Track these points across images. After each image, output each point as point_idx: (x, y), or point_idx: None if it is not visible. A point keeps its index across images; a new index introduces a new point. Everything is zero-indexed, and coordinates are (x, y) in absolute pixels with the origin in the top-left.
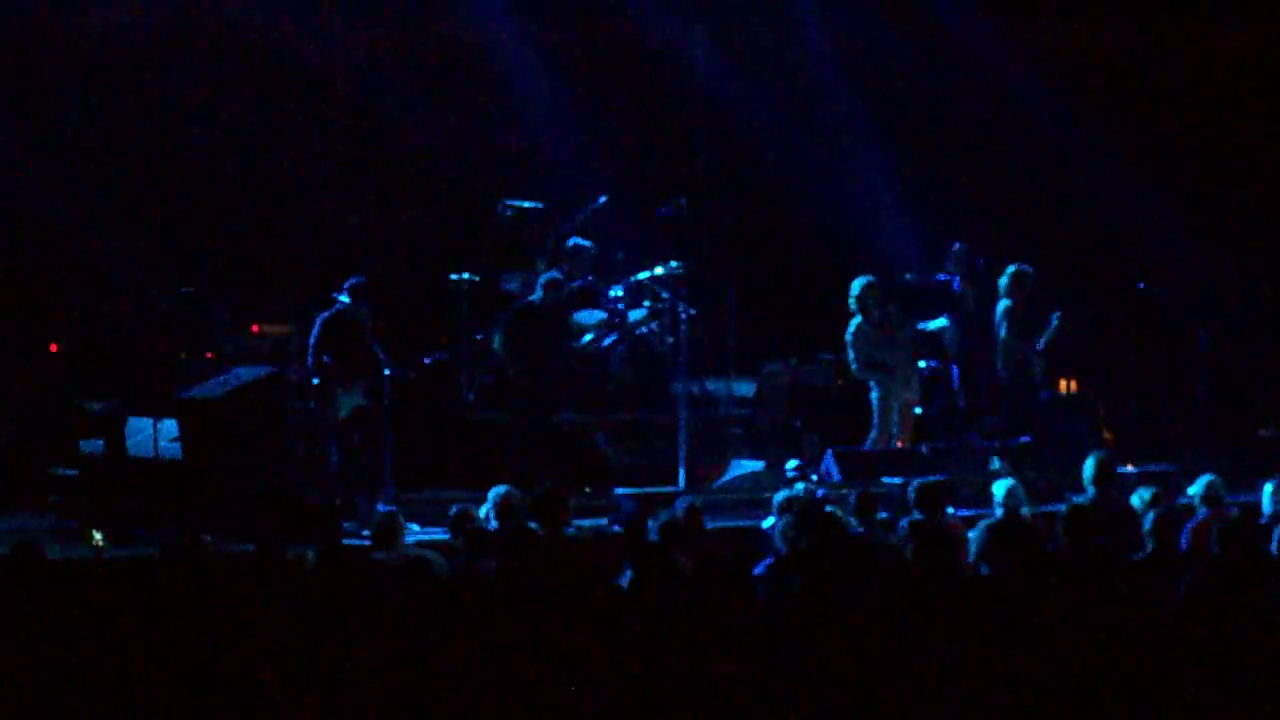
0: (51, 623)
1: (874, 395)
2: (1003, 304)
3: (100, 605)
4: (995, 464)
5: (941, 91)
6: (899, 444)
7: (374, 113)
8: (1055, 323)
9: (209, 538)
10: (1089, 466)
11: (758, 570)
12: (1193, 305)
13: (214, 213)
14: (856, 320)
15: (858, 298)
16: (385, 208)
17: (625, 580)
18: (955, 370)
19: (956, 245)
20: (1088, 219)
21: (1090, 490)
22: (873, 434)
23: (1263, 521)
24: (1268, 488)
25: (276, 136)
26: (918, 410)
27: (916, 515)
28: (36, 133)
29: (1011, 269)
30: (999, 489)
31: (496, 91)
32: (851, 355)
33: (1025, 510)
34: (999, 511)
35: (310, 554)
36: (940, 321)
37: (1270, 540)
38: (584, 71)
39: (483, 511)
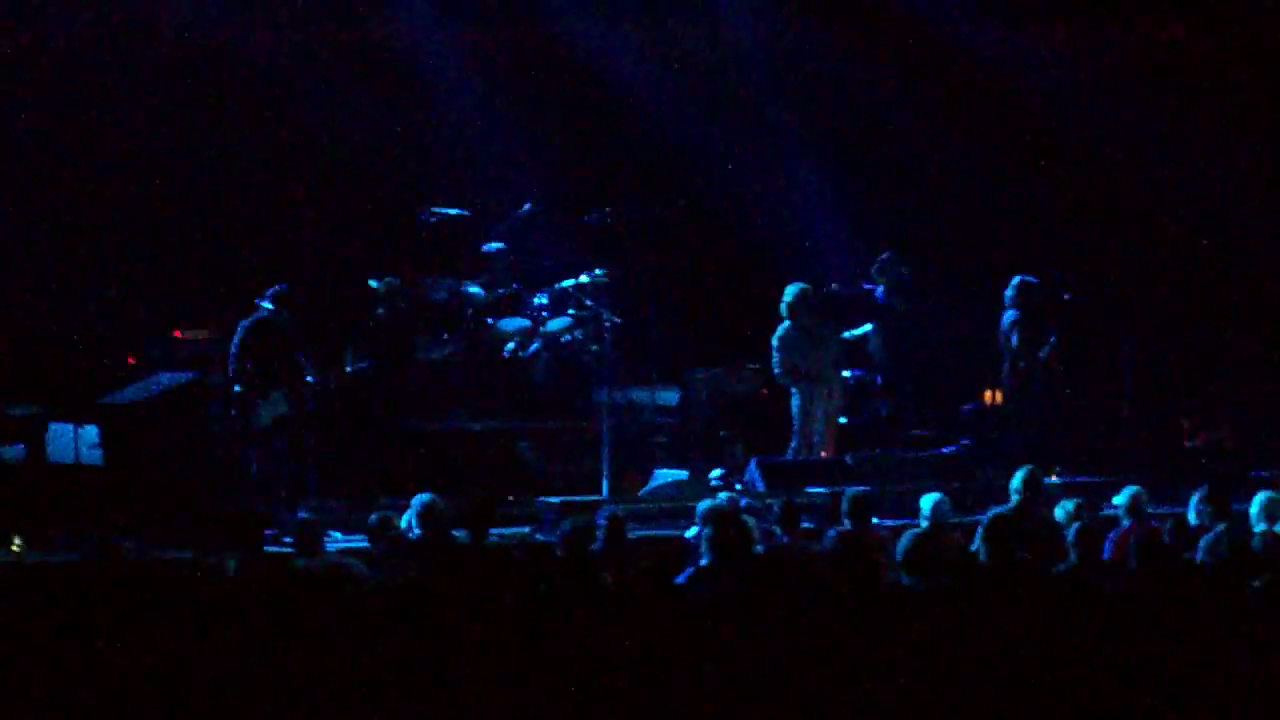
0: None
1: (795, 403)
2: (1010, 314)
3: (19, 610)
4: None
5: (871, 98)
6: (822, 453)
7: (299, 117)
8: (1054, 339)
9: (129, 544)
10: (1018, 477)
11: (680, 580)
12: (1118, 316)
13: (136, 216)
14: (785, 326)
15: (790, 304)
16: (309, 213)
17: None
18: (879, 379)
19: (884, 254)
20: (1014, 229)
21: (1014, 499)
22: (794, 443)
23: (1190, 533)
24: (1194, 499)
25: (201, 139)
26: (841, 419)
27: (845, 525)
28: None
29: (1017, 280)
30: (926, 501)
31: (423, 96)
32: (776, 360)
33: (951, 522)
34: (925, 523)
35: (231, 561)
36: (864, 329)
37: (1196, 551)
38: (511, 77)
39: (405, 519)
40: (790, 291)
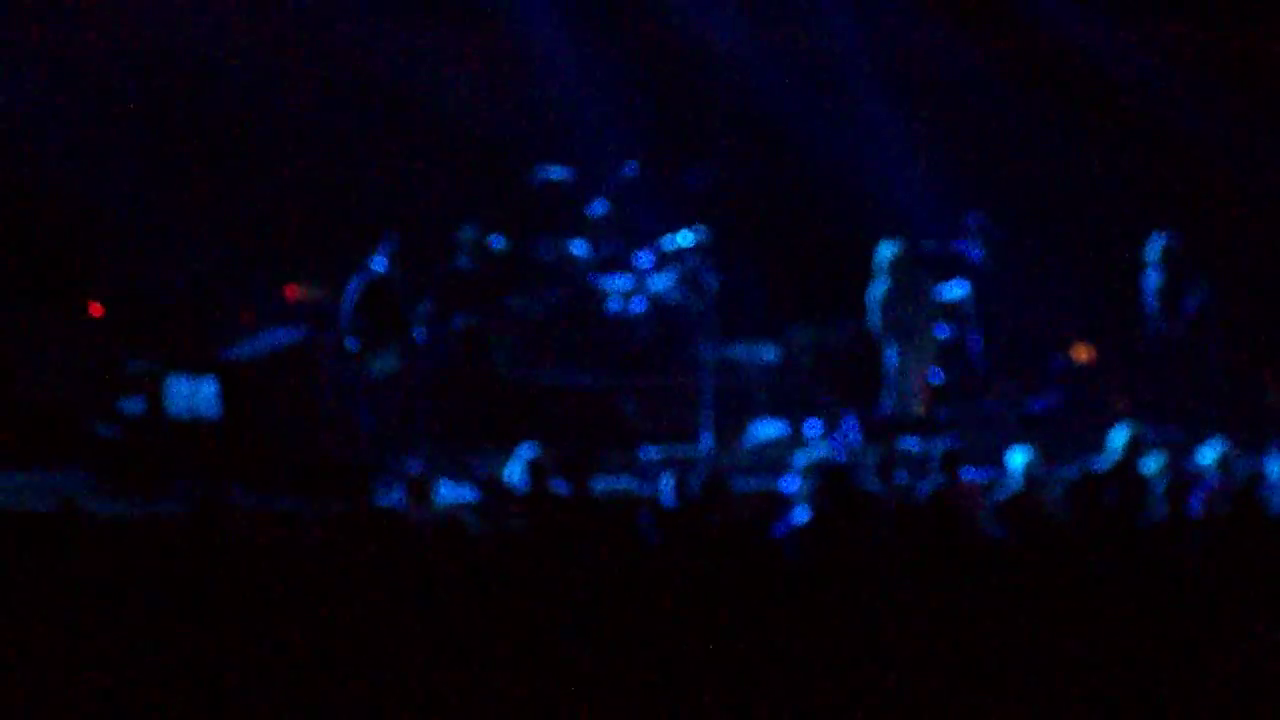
0: (91, 578)
1: (892, 359)
2: (1153, 275)
3: (138, 562)
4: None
5: (964, 60)
6: (916, 408)
7: (408, 79)
8: (1201, 300)
9: (243, 496)
10: (1119, 436)
11: (779, 532)
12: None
13: (251, 175)
14: (881, 284)
15: (886, 261)
16: (418, 173)
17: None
18: (975, 337)
19: (971, 216)
20: (1091, 189)
21: (1113, 457)
22: (890, 397)
23: (1269, 488)
24: (1275, 454)
25: (311, 101)
26: (935, 375)
27: (938, 478)
28: (75, 100)
29: (1160, 239)
30: (1017, 455)
31: (529, 58)
32: (874, 318)
33: (1043, 477)
34: (1015, 477)
35: (345, 513)
36: (960, 289)
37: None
38: (615, 39)
39: (509, 470)
40: (885, 249)
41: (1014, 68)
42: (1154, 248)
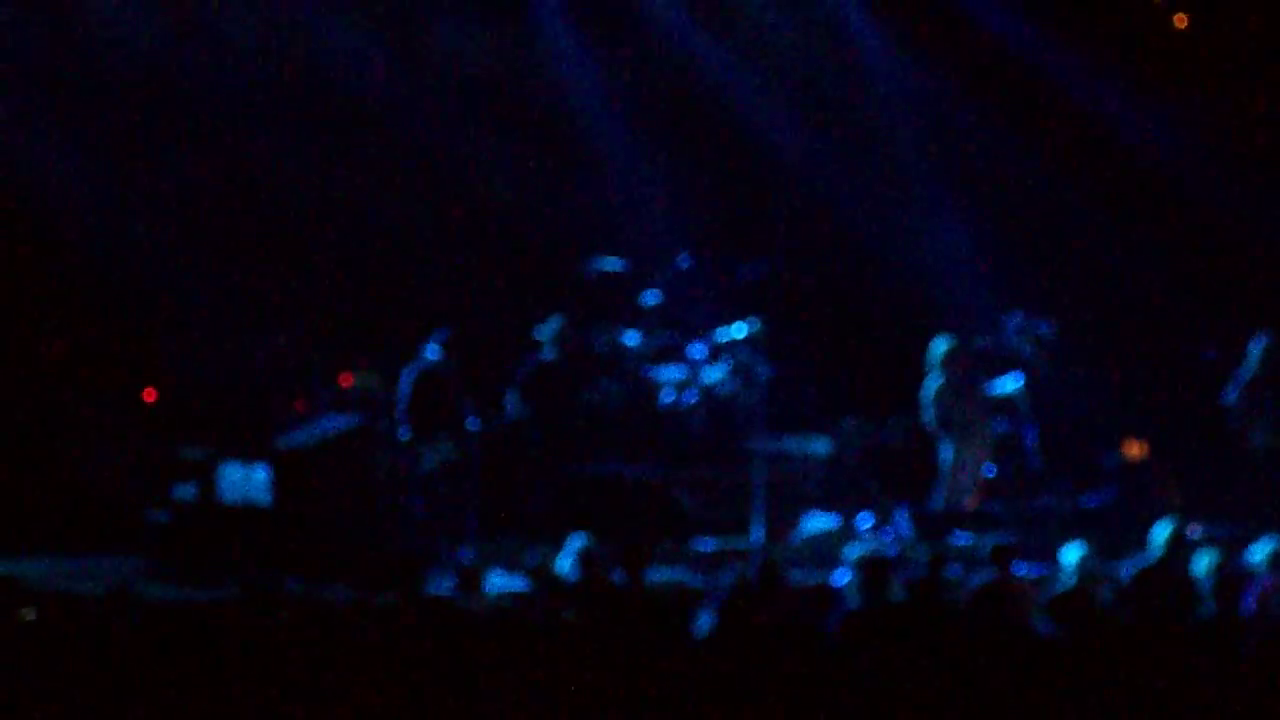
0: (146, 661)
1: (946, 454)
2: (1244, 375)
3: (190, 647)
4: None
5: (1019, 156)
6: (968, 503)
7: (465, 170)
8: None
9: (294, 583)
10: (1161, 532)
11: (829, 625)
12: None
13: (308, 265)
14: (936, 380)
15: (939, 357)
16: (474, 264)
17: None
18: (1030, 432)
19: (1013, 315)
20: (1152, 280)
21: (1157, 554)
22: (942, 491)
23: None
24: None
25: (370, 191)
26: (988, 470)
27: (988, 573)
28: (137, 182)
29: (1263, 340)
30: (1070, 552)
31: (586, 152)
32: (930, 414)
33: (1096, 573)
34: (1068, 573)
35: (395, 602)
36: (1014, 384)
37: None
38: (669, 132)
39: (562, 561)
40: (939, 345)
41: (1070, 166)
42: (1257, 347)
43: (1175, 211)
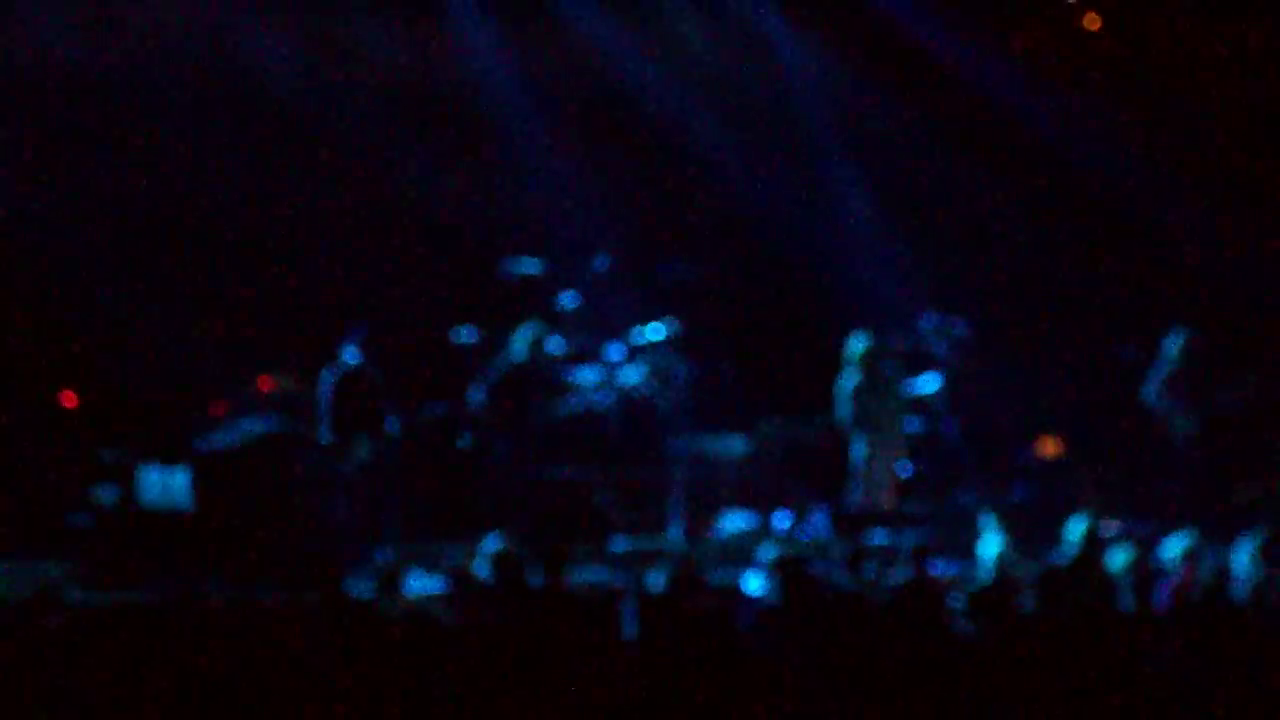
0: (64, 666)
1: (858, 452)
2: (1161, 372)
3: (110, 651)
4: (987, 523)
5: (938, 156)
6: (884, 501)
7: (382, 171)
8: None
9: (213, 586)
10: (1076, 529)
11: (743, 625)
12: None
13: (224, 266)
14: (852, 378)
15: (856, 356)
16: (391, 266)
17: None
18: (946, 430)
19: (928, 316)
20: (1070, 279)
21: (1072, 551)
22: (857, 491)
23: (1236, 582)
24: (1242, 547)
25: (287, 192)
26: (904, 470)
27: (905, 572)
28: (51, 186)
29: (1179, 334)
30: (986, 549)
31: (501, 151)
32: (843, 412)
33: (1013, 569)
34: (985, 571)
35: (314, 603)
36: (931, 383)
37: (1239, 599)
38: (586, 133)
39: (480, 563)
40: (856, 343)
41: (991, 161)
42: (1174, 343)
43: (1091, 209)
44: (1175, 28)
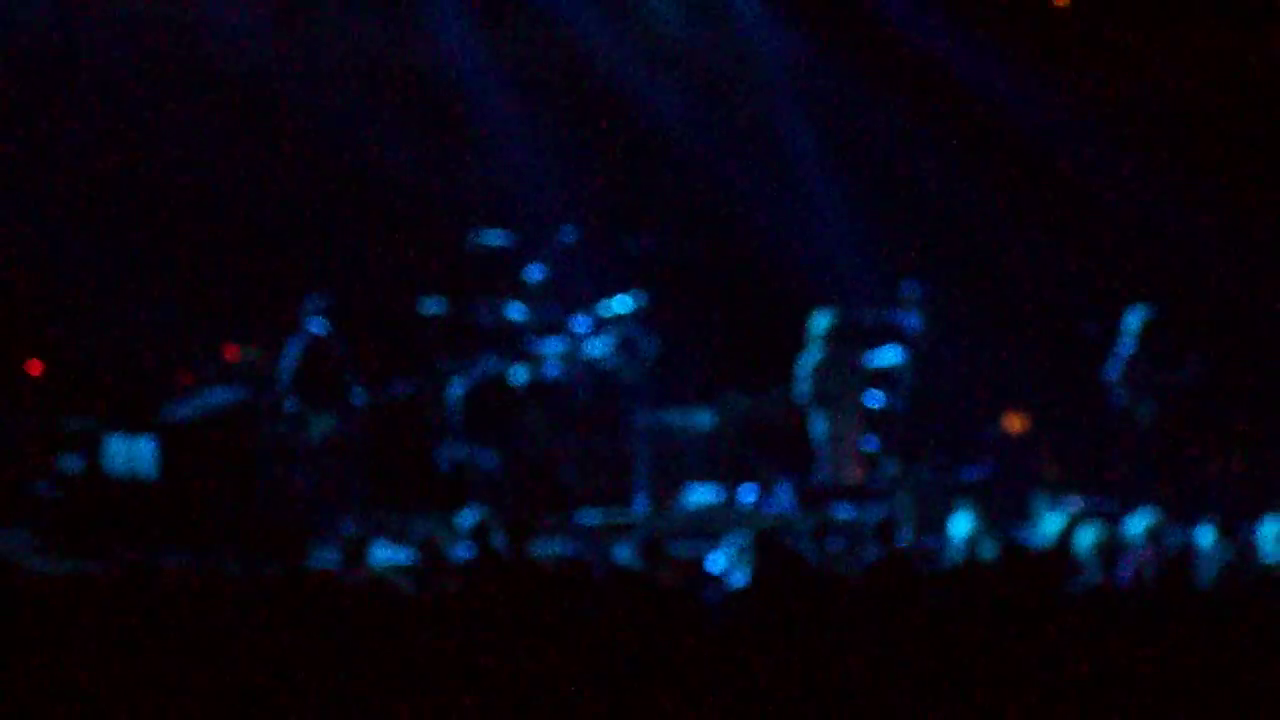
0: (31, 636)
1: (822, 428)
2: (1127, 349)
3: (72, 620)
4: (959, 502)
5: (902, 129)
6: (849, 476)
7: (349, 143)
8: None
9: (179, 556)
10: (1051, 521)
11: (709, 600)
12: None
13: (191, 235)
14: (815, 354)
15: (819, 331)
16: (358, 237)
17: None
18: (907, 405)
19: (908, 284)
20: (1034, 255)
21: (1039, 528)
22: (822, 466)
23: (1200, 559)
24: (1204, 527)
25: (254, 163)
26: (869, 445)
27: (873, 547)
28: (17, 159)
29: (1140, 312)
30: (954, 524)
31: (467, 123)
32: (804, 387)
33: (981, 545)
34: (952, 546)
35: (278, 574)
36: (893, 356)
37: (1203, 577)
38: (554, 106)
39: (449, 535)
40: (819, 318)
41: (954, 137)
42: (1134, 319)
43: (1055, 185)
44: (1139, 4)
